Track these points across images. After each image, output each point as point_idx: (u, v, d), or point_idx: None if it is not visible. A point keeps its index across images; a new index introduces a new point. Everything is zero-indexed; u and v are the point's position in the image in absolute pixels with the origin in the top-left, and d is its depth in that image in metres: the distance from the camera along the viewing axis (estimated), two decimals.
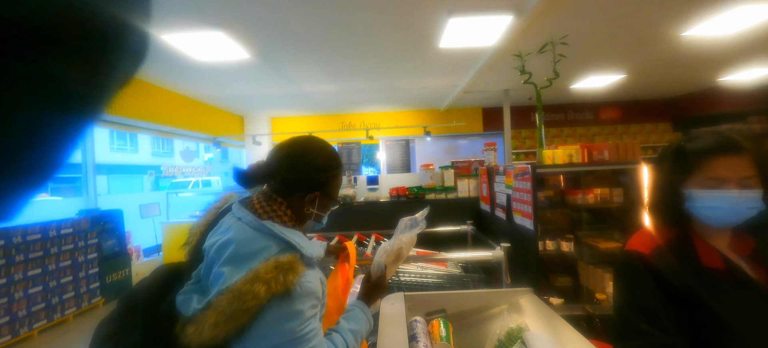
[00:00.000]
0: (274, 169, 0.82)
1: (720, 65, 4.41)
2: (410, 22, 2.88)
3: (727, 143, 0.78)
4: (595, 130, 6.72)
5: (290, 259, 0.69)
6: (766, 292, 0.76)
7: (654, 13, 2.83)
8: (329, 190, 0.88)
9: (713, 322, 0.75)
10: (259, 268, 0.66)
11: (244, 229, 0.74)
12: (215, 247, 0.72)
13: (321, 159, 0.86)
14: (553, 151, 1.92)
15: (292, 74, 4.24)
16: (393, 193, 3.15)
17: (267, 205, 0.80)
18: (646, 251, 0.84)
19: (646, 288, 0.80)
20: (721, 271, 0.78)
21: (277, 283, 0.65)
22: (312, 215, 0.86)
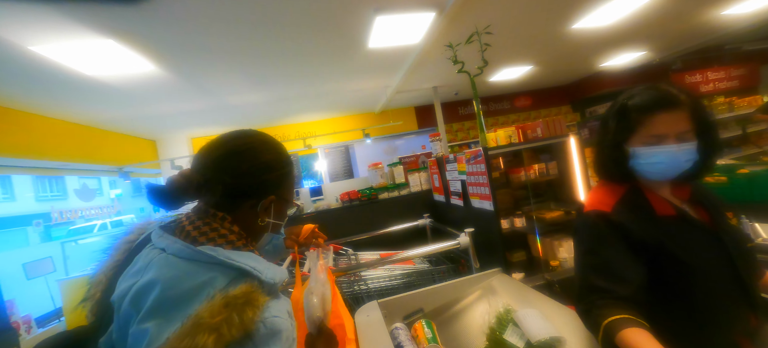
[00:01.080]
0: (209, 175, 0.63)
1: (601, 52, 5.24)
2: (337, 22, 2.79)
3: (666, 99, 0.83)
4: (513, 118, 7.46)
5: (245, 289, 0.52)
6: (708, 228, 0.85)
7: (548, 9, 3.21)
8: (284, 191, 0.73)
9: (674, 263, 0.80)
10: (201, 312, 0.47)
11: (171, 263, 0.55)
12: (130, 296, 0.53)
13: (269, 154, 0.70)
14: (495, 133, 2.02)
15: (211, 86, 3.80)
16: (344, 197, 3.02)
17: (204, 225, 0.61)
18: (608, 209, 0.87)
19: (610, 245, 0.82)
20: (673, 218, 0.85)
21: (231, 327, 0.47)
22: (268, 227, 0.71)
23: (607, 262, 0.81)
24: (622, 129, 0.87)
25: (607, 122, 0.92)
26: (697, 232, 0.84)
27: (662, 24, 4.30)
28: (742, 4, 4.04)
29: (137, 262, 0.58)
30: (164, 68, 3.05)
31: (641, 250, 0.81)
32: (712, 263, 0.81)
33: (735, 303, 0.79)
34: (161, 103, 4.09)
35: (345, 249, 1.99)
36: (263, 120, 5.97)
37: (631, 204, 0.87)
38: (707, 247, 0.83)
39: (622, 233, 0.82)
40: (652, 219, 0.85)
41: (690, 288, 0.79)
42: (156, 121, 4.88)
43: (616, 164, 0.90)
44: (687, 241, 0.82)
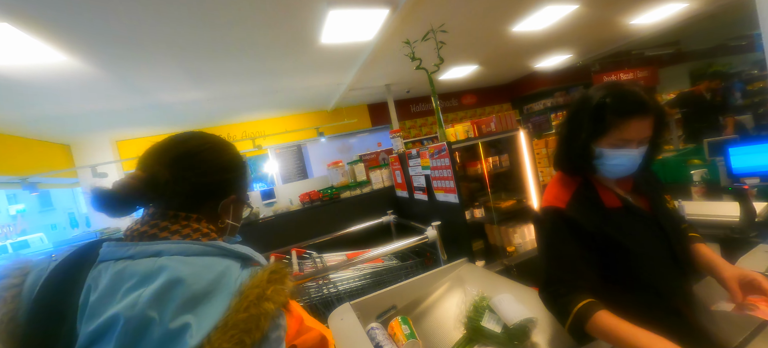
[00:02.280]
0: (171, 177, 0.60)
1: (536, 54, 5.76)
2: (287, 15, 2.66)
3: (642, 106, 0.85)
4: (461, 115, 7.84)
5: (276, 266, 0.57)
6: (649, 215, 0.95)
7: (492, 12, 3.43)
8: (241, 192, 0.74)
9: (620, 251, 0.88)
10: (256, 287, 0.52)
11: (182, 261, 0.54)
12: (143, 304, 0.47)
13: (228, 154, 0.71)
14: (454, 128, 2.09)
15: (141, 82, 3.37)
16: (304, 198, 2.88)
17: (182, 227, 0.60)
18: (563, 205, 0.92)
19: (566, 240, 0.88)
20: (619, 209, 0.93)
21: (279, 295, 0.54)
22: (228, 228, 0.71)
23: (565, 255, 0.88)
24: (596, 129, 0.89)
25: (580, 119, 0.91)
26: (640, 220, 0.92)
27: (583, 30, 4.85)
28: (645, 15, 4.74)
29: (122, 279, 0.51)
30: (80, 60, 2.62)
31: (592, 241, 0.88)
32: (652, 247, 0.90)
33: (674, 277, 0.91)
34: (76, 101, 3.52)
35: (309, 252, 1.90)
36: (204, 119, 5.47)
37: (582, 198, 0.93)
38: (648, 233, 0.91)
39: (575, 228, 0.89)
40: (601, 211, 0.92)
41: (635, 270, 0.88)
42: (70, 123, 4.19)
43: (582, 160, 0.93)
44: (631, 229, 0.90)
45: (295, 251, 1.88)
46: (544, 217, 0.95)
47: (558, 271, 0.87)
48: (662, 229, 0.92)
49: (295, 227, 2.66)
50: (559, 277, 0.86)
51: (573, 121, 0.95)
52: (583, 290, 0.82)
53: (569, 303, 0.81)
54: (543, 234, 0.96)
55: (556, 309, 0.86)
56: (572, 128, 0.94)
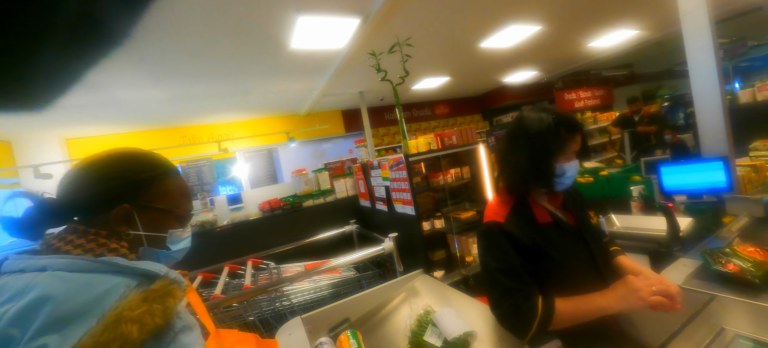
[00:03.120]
0: (66, 197, 0.63)
1: (504, 69, 6.02)
2: (254, 18, 2.60)
3: (578, 123, 1.01)
4: (434, 124, 8.02)
5: (163, 283, 0.54)
6: (575, 230, 1.06)
7: (461, 27, 3.56)
8: (148, 198, 0.68)
9: (551, 263, 0.97)
10: (120, 308, 0.49)
11: (60, 278, 0.52)
12: (7, 321, 0.47)
13: (118, 164, 0.68)
14: (416, 141, 2.13)
15: (95, 76, 3.15)
16: (265, 207, 2.80)
17: (88, 242, 0.59)
18: (502, 220, 0.99)
19: (507, 252, 0.95)
20: (549, 224, 1.02)
21: (154, 315, 0.49)
22: (140, 240, 0.67)
23: (511, 266, 0.94)
24: (557, 147, 0.98)
25: (543, 140, 0.97)
26: (567, 235, 1.04)
27: (547, 50, 5.14)
28: (601, 39, 5.11)
29: (1, 293, 0.51)
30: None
31: (527, 252, 0.96)
32: (578, 258, 1.01)
33: (595, 285, 0.98)
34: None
35: (266, 263, 1.85)
36: (166, 119, 5.19)
37: (518, 214, 1.02)
38: (574, 246, 1.02)
39: (513, 240, 0.96)
40: (534, 226, 1.01)
41: (563, 279, 0.97)
42: (9, 117, 3.83)
43: (544, 178, 1.00)
44: (560, 243, 1.00)
45: (250, 262, 1.82)
46: (487, 231, 1.01)
47: (510, 283, 0.92)
48: (585, 242, 1.03)
49: (255, 236, 2.57)
50: (514, 288, 0.91)
51: (532, 143, 1.00)
52: (536, 294, 0.90)
53: (532, 308, 0.88)
54: (487, 247, 1.00)
55: (518, 319, 0.90)
56: (533, 150, 0.99)
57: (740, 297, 0.99)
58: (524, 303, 0.89)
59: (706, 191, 1.71)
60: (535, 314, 0.87)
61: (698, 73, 1.68)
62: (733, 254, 1.16)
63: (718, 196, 1.68)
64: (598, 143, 6.40)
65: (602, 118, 6.55)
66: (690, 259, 1.28)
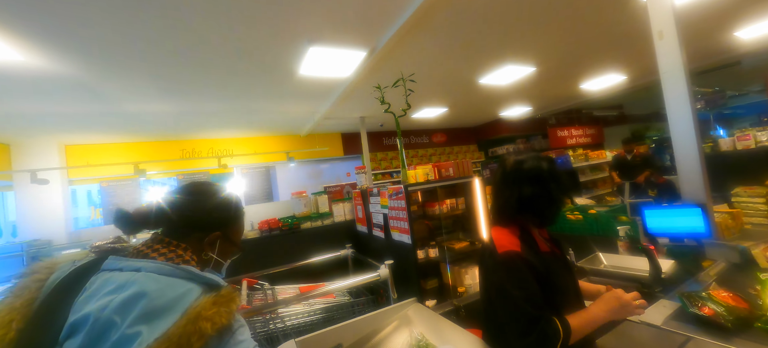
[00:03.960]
0: (168, 210, 0.79)
1: (501, 104, 6.26)
2: (268, 46, 2.74)
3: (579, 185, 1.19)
4: (431, 152, 8.18)
5: (227, 291, 0.68)
6: (562, 258, 1.18)
7: (461, 64, 3.76)
8: (231, 232, 0.87)
9: (552, 287, 1.05)
10: (197, 307, 0.61)
11: (152, 278, 0.65)
12: (112, 308, 0.58)
13: (220, 198, 0.86)
14: (415, 171, 2.23)
15: (105, 89, 3.25)
16: (263, 226, 2.83)
17: (169, 252, 0.74)
18: (519, 249, 1.06)
19: (529, 280, 1.01)
20: (548, 254, 1.13)
21: (221, 317, 0.62)
22: (211, 261, 0.83)
23: (533, 294, 1.00)
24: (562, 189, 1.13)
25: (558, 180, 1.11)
26: (560, 264, 1.15)
27: (540, 89, 5.40)
28: (592, 82, 5.38)
29: (106, 284, 0.63)
30: (38, 60, 2.50)
31: (538, 278, 1.03)
32: (568, 284, 1.13)
33: (576, 303, 1.13)
34: (22, 100, 3.29)
35: (261, 283, 1.87)
36: (167, 131, 5.25)
37: (526, 243, 1.10)
38: (565, 274, 1.14)
39: (531, 268, 1.03)
40: (538, 254, 1.09)
41: (559, 301, 1.06)
42: (12, 121, 3.87)
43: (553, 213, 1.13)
44: (557, 270, 1.10)
45: (246, 281, 1.84)
46: (508, 260, 1.04)
47: (535, 311, 0.97)
48: (571, 271, 1.17)
49: (252, 255, 2.59)
50: (539, 316, 0.96)
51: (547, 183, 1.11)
52: (553, 318, 0.97)
53: (557, 333, 0.95)
54: (508, 277, 1.03)
55: (547, 346, 0.94)
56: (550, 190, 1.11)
57: (714, 340, 1.06)
58: (548, 328, 0.95)
59: (687, 235, 1.80)
60: (559, 337, 0.94)
61: (676, 125, 1.81)
62: (709, 298, 1.23)
63: (698, 241, 1.77)
64: (589, 180, 6.57)
65: (593, 155, 6.77)
66: (669, 301, 1.35)
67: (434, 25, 2.72)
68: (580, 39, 3.53)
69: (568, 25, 3.11)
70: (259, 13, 2.24)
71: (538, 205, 1.11)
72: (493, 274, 1.08)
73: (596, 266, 1.92)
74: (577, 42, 3.61)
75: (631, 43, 3.85)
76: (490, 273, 1.11)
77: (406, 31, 2.57)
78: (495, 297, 1.08)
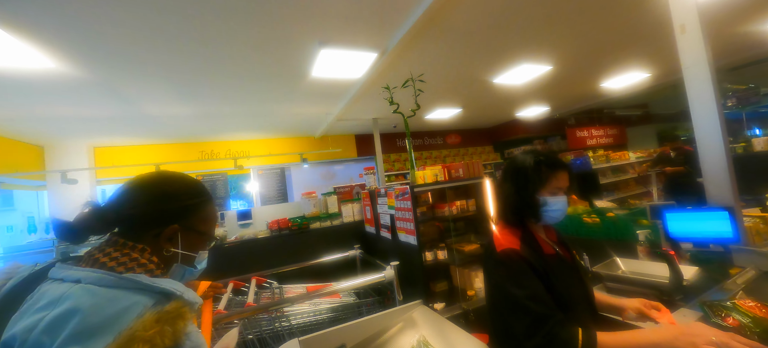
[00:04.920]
0: (117, 209, 0.68)
1: (517, 104, 6.12)
2: (281, 48, 2.80)
3: (562, 161, 1.10)
4: (445, 153, 8.10)
5: (175, 305, 0.58)
6: (572, 264, 1.12)
7: (474, 63, 3.70)
8: (192, 222, 0.76)
9: (553, 292, 0.99)
10: (134, 327, 0.52)
11: (90, 291, 0.56)
12: (42, 328, 0.51)
13: (172, 186, 0.75)
14: (423, 171, 2.20)
15: (130, 93, 3.40)
16: (273, 226, 2.88)
17: (122, 256, 0.64)
18: (518, 247, 1.02)
19: (530, 277, 0.96)
20: (553, 256, 1.08)
21: (164, 337, 0.53)
22: (177, 257, 0.73)
23: (537, 292, 0.93)
24: (536, 181, 1.08)
25: (525, 175, 1.09)
26: (566, 267, 1.10)
27: (558, 88, 5.24)
28: (614, 80, 5.17)
29: (37, 300, 0.56)
30: (68, 66, 2.65)
31: (540, 280, 0.98)
32: (575, 290, 1.07)
33: (585, 313, 1.06)
34: (57, 105, 3.49)
35: (269, 281, 1.90)
36: (187, 134, 5.44)
37: (528, 243, 1.06)
38: (572, 278, 1.09)
39: (532, 267, 0.99)
40: (541, 257, 1.05)
41: (563, 307, 0.97)
42: (47, 124, 4.12)
43: (531, 209, 1.08)
44: (561, 275, 1.05)
45: (255, 279, 1.88)
46: (506, 258, 1.00)
47: (541, 309, 0.89)
48: (580, 276, 1.10)
49: (261, 254, 2.64)
50: (546, 314, 0.88)
51: (516, 178, 1.12)
52: (570, 321, 0.88)
53: (572, 338, 0.84)
54: (508, 275, 0.98)
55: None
56: (518, 184, 1.11)
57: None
58: (562, 332, 0.85)
59: (712, 241, 1.69)
60: (576, 344, 0.83)
61: (701, 124, 1.71)
62: (734, 308, 1.15)
63: (725, 247, 1.66)
64: (610, 182, 6.32)
65: (615, 157, 6.50)
66: (691, 310, 1.27)
67: (446, 24, 2.69)
68: (600, 35, 3.41)
69: (586, 21, 3.01)
70: (270, 16, 2.29)
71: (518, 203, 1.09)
72: (494, 273, 1.05)
73: (613, 272, 1.83)
74: (596, 38, 3.48)
75: (655, 39, 3.68)
76: (490, 273, 1.08)
77: (418, 31, 2.56)
78: (498, 298, 1.04)
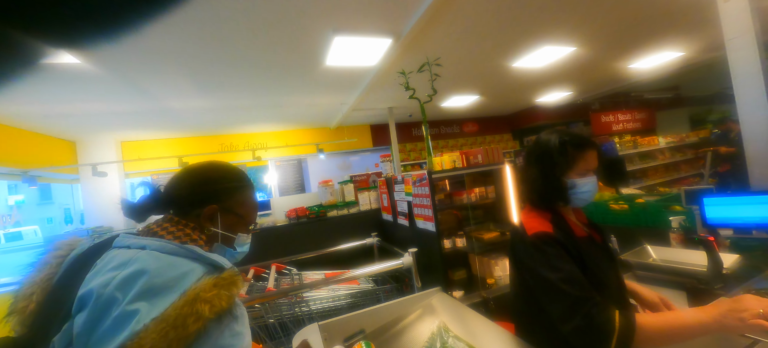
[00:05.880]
0: (169, 192, 0.81)
1: (537, 89, 5.90)
2: (295, 37, 2.78)
3: (590, 141, 1.04)
4: (461, 141, 7.96)
5: (230, 273, 0.65)
6: (602, 247, 1.08)
7: (492, 47, 3.57)
8: (230, 204, 0.83)
9: (588, 274, 0.94)
10: (198, 288, 0.60)
11: (154, 257, 0.65)
12: (114, 284, 0.59)
13: (214, 173, 0.85)
14: (441, 158, 2.16)
15: (150, 87, 3.50)
16: (291, 214, 2.92)
17: (177, 230, 0.75)
18: (550, 230, 0.98)
19: (566, 260, 0.92)
20: (584, 239, 1.04)
21: (221, 300, 0.60)
22: (217, 237, 0.81)
23: (573, 274, 0.89)
24: (564, 162, 1.03)
25: (550, 157, 1.04)
26: (599, 250, 1.05)
27: (582, 71, 4.99)
28: (642, 60, 4.88)
29: (111, 260, 0.64)
30: (93, 64, 2.74)
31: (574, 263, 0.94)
32: (609, 273, 1.03)
33: (618, 300, 1.02)
34: (86, 101, 3.64)
35: (288, 268, 1.92)
36: (207, 127, 5.58)
37: (559, 227, 1.01)
38: (605, 261, 1.05)
39: (565, 249, 0.95)
40: (573, 239, 1.00)
41: (599, 290, 0.92)
42: (78, 120, 4.31)
43: (558, 192, 1.03)
44: (595, 257, 1.00)
45: (274, 266, 1.91)
46: (539, 241, 0.96)
47: (578, 292, 0.86)
48: (613, 258, 1.07)
49: (280, 242, 2.68)
50: (584, 297, 0.85)
51: (542, 160, 1.06)
52: (609, 304, 0.84)
53: (609, 321, 0.81)
54: (542, 259, 0.94)
55: (596, 333, 0.82)
56: (544, 166, 1.06)
57: None
58: (599, 314, 0.81)
59: (756, 227, 1.57)
60: (613, 328, 0.79)
61: (745, 103, 1.58)
62: None
63: None
64: (638, 169, 6.03)
65: (643, 142, 6.19)
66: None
67: (462, 7, 2.59)
68: (628, 10, 3.19)
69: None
70: (283, 6, 2.27)
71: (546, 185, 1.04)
72: (526, 258, 0.99)
73: (644, 260, 1.74)
74: (625, 14, 3.27)
75: (691, 10, 3.41)
76: (522, 258, 1.02)
77: (433, 15, 2.48)
78: (530, 284, 0.99)
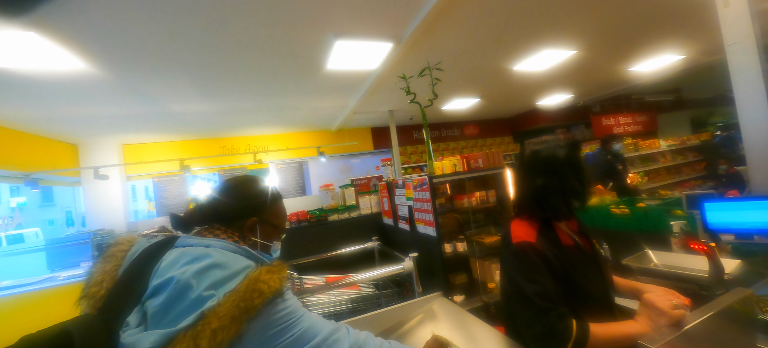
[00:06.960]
0: (213, 206, 0.93)
1: (537, 92, 5.91)
2: (296, 42, 2.80)
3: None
4: (462, 144, 7.96)
5: (277, 262, 0.79)
6: (592, 255, 1.09)
7: (492, 50, 3.58)
8: (267, 216, 0.97)
9: (571, 284, 0.99)
10: (257, 272, 0.73)
11: (221, 253, 0.79)
12: (192, 273, 0.71)
13: (252, 188, 0.98)
14: (441, 162, 2.16)
15: (151, 91, 3.51)
16: (292, 218, 2.92)
17: (227, 237, 0.88)
18: (533, 240, 1.01)
19: (541, 272, 0.97)
20: (571, 247, 1.05)
21: (275, 281, 0.73)
22: (256, 245, 0.94)
23: (544, 287, 0.95)
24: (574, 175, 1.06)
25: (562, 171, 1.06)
26: (586, 258, 1.08)
27: (582, 74, 5.00)
28: (645, 63, 4.89)
29: (184, 255, 0.76)
30: (97, 68, 2.76)
31: (554, 273, 0.98)
32: (595, 282, 1.06)
33: (605, 307, 1.05)
34: (89, 105, 3.66)
35: (290, 273, 1.92)
36: (209, 130, 5.60)
37: (545, 236, 1.04)
38: (591, 269, 1.07)
39: (546, 261, 0.98)
40: (559, 248, 1.03)
41: (580, 299, 0.99)
42: (80, 123, 4.33)
43: (565, 207, 1.06)
44: (580, 266, 1.04)
45: None
46: (520, 251, 1.01)
47: (545, 303, 0.93)
48: (600, 266, 1.09)
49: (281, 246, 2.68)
50: (548, 308, 0.92)
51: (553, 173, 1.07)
52: (569, 316, 0.92)
53: (566, 330, 0.90)
54: (520, 267, 1.00)
55: (553, 340, 0.91)
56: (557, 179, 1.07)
57: None
58: (559, 323, 0.90)
59: (757, 232, 1.57)
60: (570, 335, 0.89)
61: (745, 107, 1.58)
62: None
63: None
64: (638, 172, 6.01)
65: (644, 145, 6.18)
66: None
67: (463, 10, 2.60)
68: (629, 13, 3.20)
69: None
70: (285, 10, 2.29)
71: (551, 197, 1.05)
72: (507, 264, 1.06)
73: (645, 265, 1.74)
74: (625, 17, 3.28)
75: (691, 14, 3.42)
76: (504, 264, 1.10)
77: (434, 19, 2.49)
78: (510, 289, 1.05)
